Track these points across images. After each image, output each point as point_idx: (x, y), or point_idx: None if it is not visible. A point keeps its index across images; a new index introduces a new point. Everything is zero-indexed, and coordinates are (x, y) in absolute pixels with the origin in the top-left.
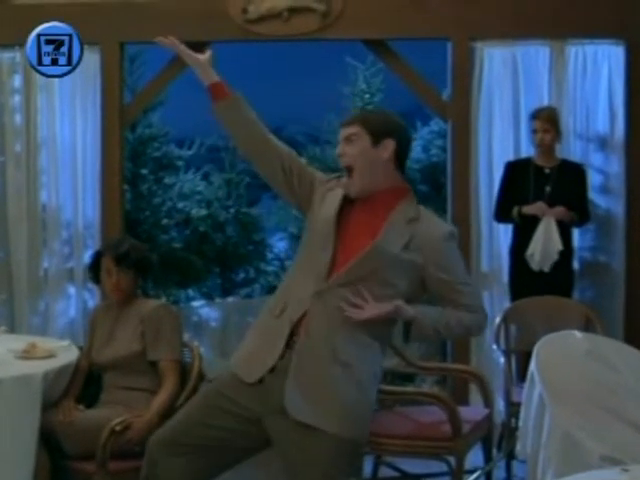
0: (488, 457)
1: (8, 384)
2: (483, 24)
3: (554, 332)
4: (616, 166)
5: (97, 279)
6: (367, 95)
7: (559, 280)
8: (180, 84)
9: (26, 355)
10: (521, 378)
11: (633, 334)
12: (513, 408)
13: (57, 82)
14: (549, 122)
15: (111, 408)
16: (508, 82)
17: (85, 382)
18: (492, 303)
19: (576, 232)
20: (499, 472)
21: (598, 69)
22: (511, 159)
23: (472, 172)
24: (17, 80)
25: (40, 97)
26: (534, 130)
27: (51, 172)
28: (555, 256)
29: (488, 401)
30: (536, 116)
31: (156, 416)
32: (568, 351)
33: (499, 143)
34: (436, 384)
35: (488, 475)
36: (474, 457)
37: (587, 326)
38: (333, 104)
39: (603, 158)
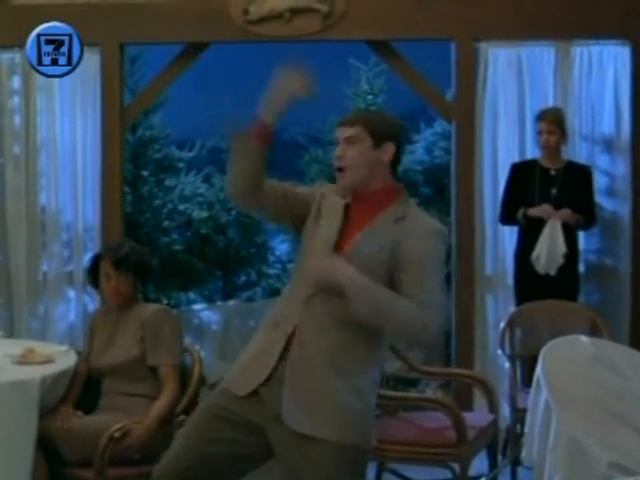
0: (493, 464)
1: (4, 390)
2: (487, 24)
3: (560, 336)
4: (622, 168)
5: (96, 283)
6: (370, 96)
7: (564, 284)
8: (181, 85)
9: (23, 360)
10: (526, 383)
11: (639, 338)
12: (518, 414)
13: (57, 83)
14: (555, 123)
15: (110, 414)
16: (513, 83)
17: (84, 388)
18: (497, 307)
19: (581, 235)
20: (504, 479)
21: (604, 70)
22: (516, 161)
23: (476, 174)
24: (16, 81)
25: (39, 98)
26: (539, 131)
27: (51, 174)
28: (561, 259)
29: (493, 407)
30: (541, 117)
31: (155, 422)
32: (574, 356)
33: (504, 144)
34: (440, 388)
35: None
36: (479, 463)
37: (593, 330)
38: (335, 105)
39: (609, 160)
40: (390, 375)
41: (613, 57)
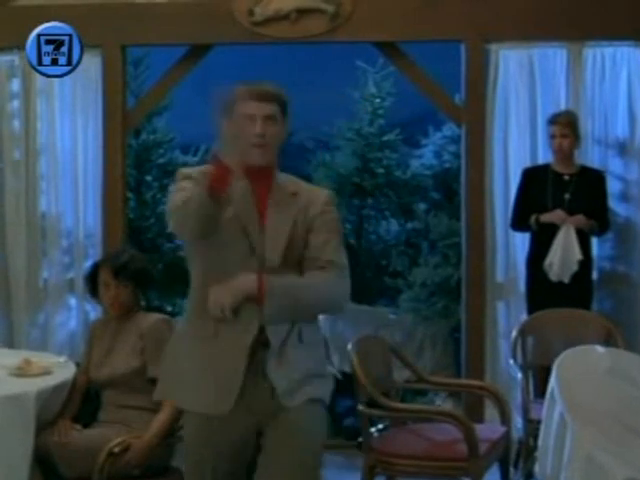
0: (505, 478)
1: None
2: (498, 25)
3: (573, 346)
4: (636, 172)
5: (95, 292)
6: (377, 99)
7: (578, 291)
8: (186, 88)
9: (19, 372)
10: (538, 394)
11: None
12: (531, 425)
13: (57, 86)
14: (568, 127)
15: (109, 428)
16: (524, 85)
17: (83, 400)
18: (508, 315)
19: (594, 241)
20: None
21: (617, 72)
22: (527, 165)
23: (487, 179)
24: (16, 84)
25: (40, 102)
26: (552, 135)
27: (51, 179)
28: (575, 266)
29: (505, 419)
30: (554, 121)
31: (156, 437)
32: (590, 367)
33: (515, 149)
34: (449, 398)
35: None
36: (490, 477)
37: (607, 339)
38: (342, 109)
39: (622, 164)
40: (399, 386)
41: (627, 59)
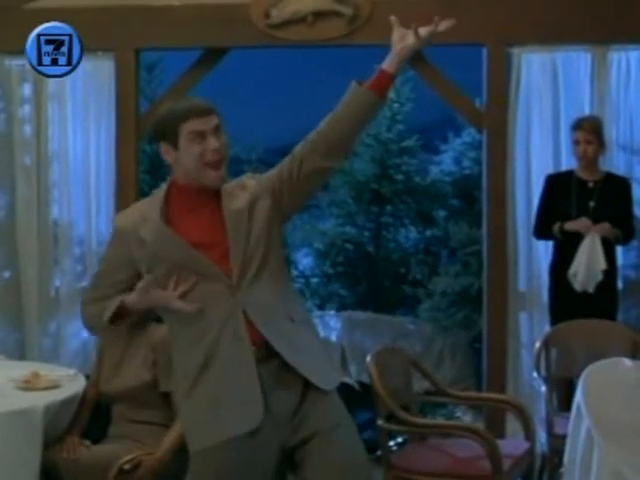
0: None
1: (5, 419)
2: (520, 29)
3: (598, 358)
4: None
5: None
6: (396, 104)
7: (603, 302)
8: (201, 93)
9: (27, 385)
10: (562, 407)
11: None
12: (556, 440)
13: (69, 91)
14: (592, 133)
15: (120, 443)
16: (547, 90)
17: (92, 414)
18: (531, 325)
19: (619, 249)
20: None
21: None
22: (550, 172)
23: (509, 185)
24: (27, 89)
25: (51, 107)
26: (576, 141)
27: (63, 186)
28: (600, 276)
29: (529, 434)
30: (578, 126)
31: (168, 453)
32: (617, 381)
33: (538, 155)
34: (470, 410)
35: None
36: None
37: (633, 351)
38: None
39: None
40: (418, 398)
41: None
